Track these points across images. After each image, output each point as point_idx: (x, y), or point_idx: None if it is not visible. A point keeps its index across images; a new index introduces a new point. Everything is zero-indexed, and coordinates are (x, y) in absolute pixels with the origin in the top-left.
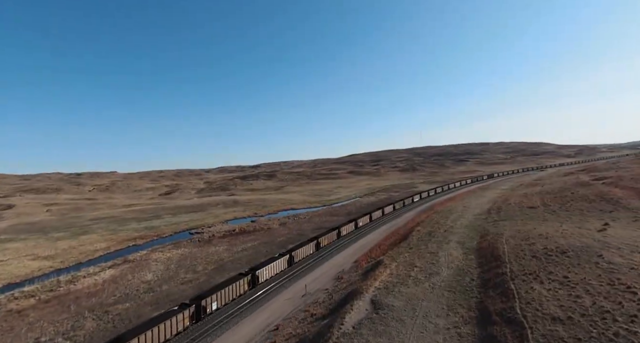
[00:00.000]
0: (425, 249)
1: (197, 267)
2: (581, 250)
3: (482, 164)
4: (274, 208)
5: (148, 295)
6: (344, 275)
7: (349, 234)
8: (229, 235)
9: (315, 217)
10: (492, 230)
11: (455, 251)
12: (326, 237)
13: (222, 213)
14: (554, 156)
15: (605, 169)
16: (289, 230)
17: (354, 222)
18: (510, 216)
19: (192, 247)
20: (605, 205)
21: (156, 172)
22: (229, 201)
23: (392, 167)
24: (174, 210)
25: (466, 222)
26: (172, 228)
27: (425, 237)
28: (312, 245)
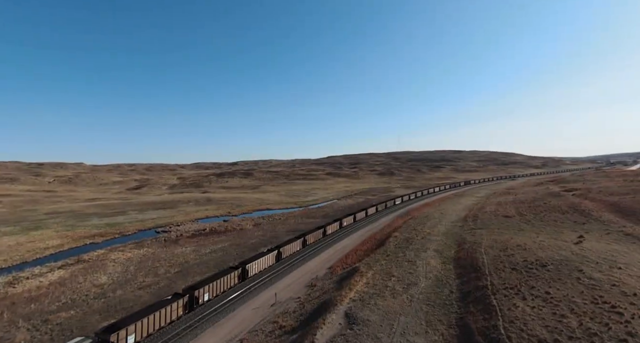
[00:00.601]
0: (403, 257)
1: (159, 270)
2: (561, 263)
3: (456, 170)
4: (249, 207)
5: (98, 302)
6: (317, 283)
7: (326, 237)
8: (198, 235)
9: (291, 219)
10: (470, 239)
11: (434, 260)
12: (310, 236)
13: (194, 212)
14: (523, 166)
15: (572, 180)
16: (263, 232)
17: (338, 222)
18: (487, 224)
19: (157, 247)
20: (578, 217)
21: (127, 166)
22: (202, 199)
23: (370, 171)
24: (141, 207)
25: (443, 229)
26: (137, 225)
27: (403, 243)
28: (299, 244)
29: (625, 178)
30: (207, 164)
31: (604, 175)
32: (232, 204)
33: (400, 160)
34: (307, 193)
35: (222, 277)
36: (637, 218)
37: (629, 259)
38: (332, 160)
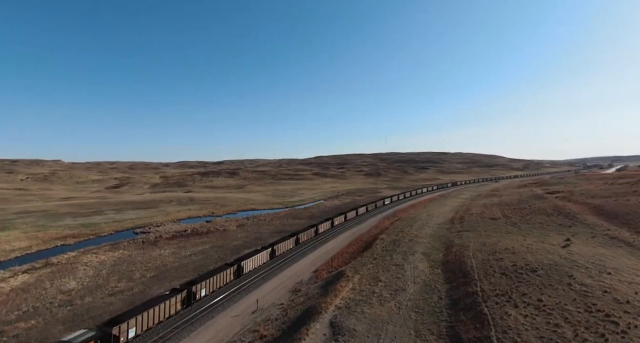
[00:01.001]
0: (390, 260)
1: (134, 274)
2: (550, 268)
3: (441, 172)
4: (233, 208)
5: (63, 310)
6: (301, 287)
7: (311, 240)
8: (178, 237)
9: (276, 220)
10: (457, 242)
11: (421, 264)
12: (289, 241)
13: (175, 212)
14: (506, 168)
15: (554, 183)
16: (247, 233)
17: (329, 221)
18: (474, 227)
19: (134, 249)
20: (563, 220)
21: (108, 164)
22: (185, 198)
23: (357, 171)
24: (120, 206)
25: (430, 231)
26: (114, 226)
27: (390, 246)
28: (291, 242)
29: (605, 182)
30: (192, 162)
31: (583, 178)
32: (216, 204)
33: (387, 161)
34: (293, 194)
35: (219, 273)
36: (620, 222)
37: (617, 264)
38: (320, 161)
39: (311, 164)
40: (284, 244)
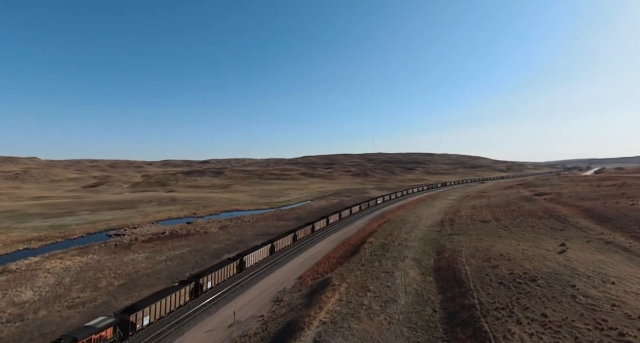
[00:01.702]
0: (379, 267)
1: (100, 282)
2: (551, 277)
3: (428, 173)
4: (217, 208)
5: (11, 327)
6: (284, 297)
7: (297, 242)
8: (155, 240)
9: (261, 221)
10: (449, 246)
11: (412, 270)
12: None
13: (155, 212)
14: (490, 169)
15: (540, 184)
16: (229, 236)
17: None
18: (464, 230)
19: (104, 254)
20: (555, 223)
21: (88, 161)
22: (166, 198)
23: (344, 171)
24: (95, 206)
25: (420, 235)
26: (86, 228)
27: (379, 250)
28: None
29: (591, 184)
30: (177, 161)
31: (568, 179)
32: (199, 204)
33: (374, 161)
34: (279, 194)
35: (223, 267)
36: (612, 225)
37: (619, 272)
38: (307, 160)
39: (299, 163)
40: (278, 243)
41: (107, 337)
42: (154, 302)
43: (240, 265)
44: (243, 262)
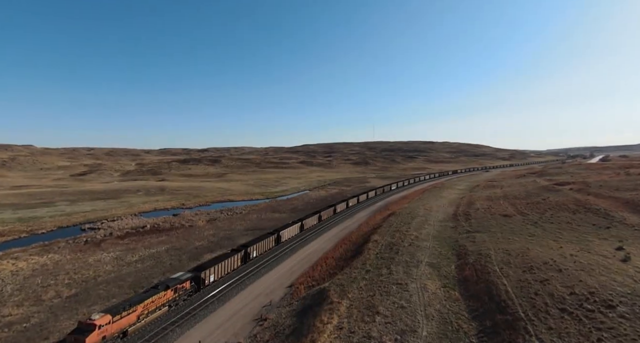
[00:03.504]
0: (389, 275)
1: (47, 293)
2: (634, 301)
3: (430, 161)
4: (208, 199)
5: None
6: (270, 313)
7: (289, 240)
8: (132, 234)
9: (254, 213)
10: (472, 248)
11: (431, 282)
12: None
13: (140, 203)
14: (492, 158)
15: (555, 173)
16: (216, 231)
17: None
18: (485, 226)
19: (68, 253)
20: (595, 218)
21: (85, 149)
22: (155, 187)
23: (344, 160)
24: (77, 196)
25: (433, 231)
26: (60, 221)
27: (386, 252)
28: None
29: (616, 172)
30: (176, 149)
31: (583, 167)
32: (189, 194)
33: (374, 150)
34: (277, 183)
35: (228, 258)
36: None
37: None
38: (307, 149)
39: (298, 152)
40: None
41: (187, 287)
42: (215, 264)
43: (245, 257)
44: (247, 253)
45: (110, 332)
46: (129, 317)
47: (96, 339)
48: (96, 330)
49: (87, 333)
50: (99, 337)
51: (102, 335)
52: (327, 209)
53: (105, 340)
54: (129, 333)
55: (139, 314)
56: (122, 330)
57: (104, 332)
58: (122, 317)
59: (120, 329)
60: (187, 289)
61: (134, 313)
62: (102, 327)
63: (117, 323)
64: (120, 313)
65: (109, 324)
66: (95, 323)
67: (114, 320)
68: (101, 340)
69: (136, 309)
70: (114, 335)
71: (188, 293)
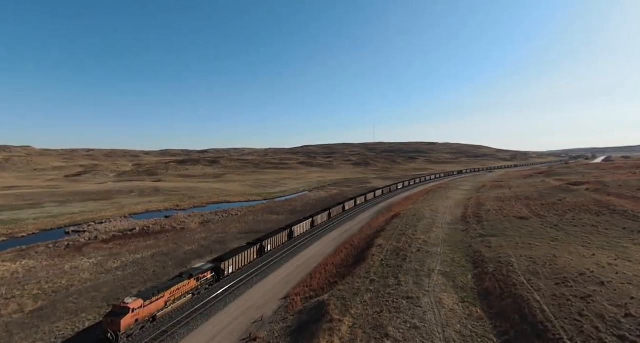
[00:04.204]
0: (397, 287)
1: (7, 306)
2: None
3: (431, 162)
4: (203, 200)
5: None
6: (260, 332)
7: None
8: (119, 238)
9: (250, 215)
10: (489, 254)
11: (447, 295)
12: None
13: (132, 204)
14: (493, 159)
15: (564, 173)
16: (208, 234)
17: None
18: (499, 230)
19: (45, 259)
20: (624, 221)
21: (83, 151)
22: (149, 188)
23: (345, 161)
24: (67, 197)
25: (442, 235)
26: (44, 223)
27: (392, 258)
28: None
29: (632, 171)
30: (175, 151)
31: (593, 167)
32: (184, 195)
33: (375, 150)
34: (275, 184)
35: (245, 251)
36: None
37: None
38: (307, 150)
39: (298, 153)
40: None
41: (208, 277)
42: (234, 255)
43: (260, 251)
44: (263, 247)
45: (142, 315)
46: (158, 302)
47: (130, 321)
48: (130, 313)
49: (122, 315)
50: (133, 320)
51: (135, 318)
52: (336, 206)
53: (138, 323)
54: (157, 318)
55: (167, 300)
56: (151, 314)
57: (137, 315)
58: (152, 302)
59: (150, 314)
60: (208, 279)
61: (162, 299)
62: (135, 310)
63: (148, 308)
64: (150, 298)
65: (141, 308)
66: (129, 307)
67: (145, 305)
68: (134, 322)
69: (164, 295)
70: (145, 319)
71: (209, 282)
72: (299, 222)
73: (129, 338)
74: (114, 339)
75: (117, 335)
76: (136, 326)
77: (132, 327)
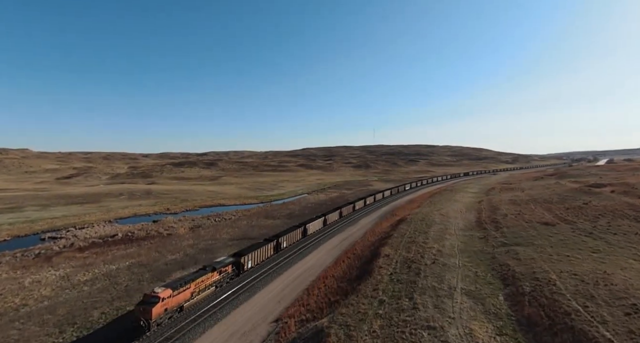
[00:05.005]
0: (413, 311)
1: None
2: None
3: (432, 164)
4: (196, 203)
5: None
6: None
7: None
8: (97, 245)
9: (244, 219)
10: (518, 268)
11: (478, 324)
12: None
13: (120, 208)
14: (495, 161)
15: (577, 174)
16: (196, 241)
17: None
18: (524, 237)
19: (7, 270)
20: None
21: (81, 154)
22: (140, 191)
23: (345, 163)
24: (51, 201)
25: (458, 243)
26: (20, 228)
27: (403, 272)
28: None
29: None
30: (175, 154)
31: (608, 168)
32: (177, 198)
33: (375, 153)
34: (273, 186)
35: (262, 247)
36: None
37: None
38: (306, 152)
39: (297, 155)
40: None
41: (229, 271)
42: (252, 251)
43: (277, 247)
44: (279, 243)
45: (170, 305)
46: (185, 293)
47: (160, 310)
48: (160, 302)
49: (153, 304)
50: (162, 309)
51: (164, 307)
52: (346, 206)
53: (167, 312)
54: (184, 309)
55: (192, 291)
56: (179, 305)
57: (166, 304)
58: (179, 292)
59: (178, 304)
60: (229, 273)
61: (188, 290)
62: (164, 299)
63: (176, 298)
64: (178, 288)
65: (170, 298)
66: (160, 296)
67: (174, 295)
68: (164, 311)
69: (190, 286)
70: (173, 309)
71: (230, 276)
72: (311, 221)
73: (159, 326)
74: (146, 327)
75: (149, 323)
76: (165, 315)
77: (161, 316)
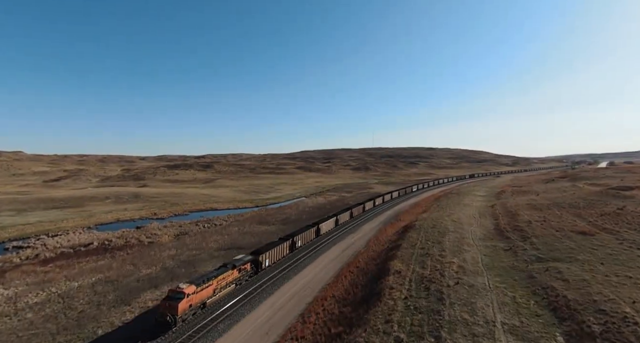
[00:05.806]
0: None
1: None
2: None
3: (432, 167)
4: (187, 207)
5: None
6: None
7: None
8: (64, 257)
9: (235, 225)
10: (570, 293)
11: None
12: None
13: (103, 212)
14: (495, 164)
15: (591, 176)
16: (179, 250)
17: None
18: (559, 249)
19: None
20: None
21: (77, 156)
22: (128, 194)
23: (344, 165)
24: (29, 205)
25: (481, 256)
26: None
27: (421, 296)
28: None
29: None
30: (172, 156)
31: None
32: (166, 202)
33: (374, 156)
34: (270, 189)
35: (278, 245)
36: None
37: None
38: (305, 155)
39: (296, 157)
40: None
41: (248, 269)
42: (270, 249)
43: (292, 246)
44: (294, 242)
45: (194, 301)
46: (207, 289)
47: (185, 306)
48: (185, 298)
49: (179, 300)
50: (187, 304)
51: (189, 303)
52: (357, 206)
53: (191, 308)
54: (207, 305)
55: (214, 288)
56: (202, 301)
57: (191, 300)
58: (202, 288)
59: (201, 300)
60: (248, 271)
61: (211, 287)
62: (189, 295)
63: (199, 294)
64: (201, 285)
65: (194, 294)
66: (185, 291)
67: (197, 291)
68: (189, 307)
69: (212, 283)
70: (197, 305)
71: (249, 274)
72: (323, 221)
73: (184, 322)
74: (173, 322)
75: (175, 319)
76: (190, 311)
77: (186, 312)
